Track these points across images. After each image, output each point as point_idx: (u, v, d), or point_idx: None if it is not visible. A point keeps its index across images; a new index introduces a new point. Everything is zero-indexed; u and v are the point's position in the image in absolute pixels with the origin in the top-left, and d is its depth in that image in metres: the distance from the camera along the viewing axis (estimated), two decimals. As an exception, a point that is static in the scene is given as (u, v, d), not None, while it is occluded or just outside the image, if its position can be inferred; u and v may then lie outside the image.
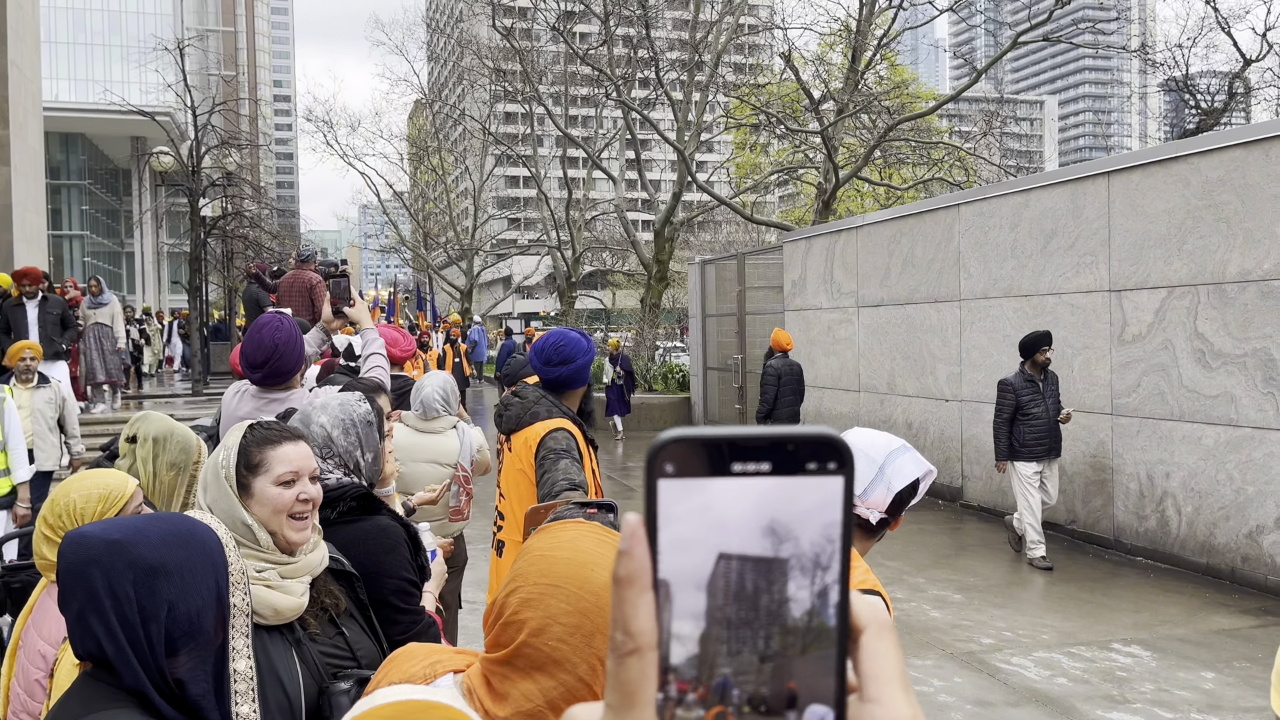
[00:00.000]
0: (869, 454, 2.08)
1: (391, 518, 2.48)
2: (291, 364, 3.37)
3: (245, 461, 1.90)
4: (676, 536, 0.43)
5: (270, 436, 1.94)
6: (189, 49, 26.30)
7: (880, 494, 2.06)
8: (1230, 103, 24.35)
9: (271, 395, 3.37)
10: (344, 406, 2.46)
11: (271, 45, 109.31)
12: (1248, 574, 7.00)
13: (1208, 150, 7.31)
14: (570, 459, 3.17)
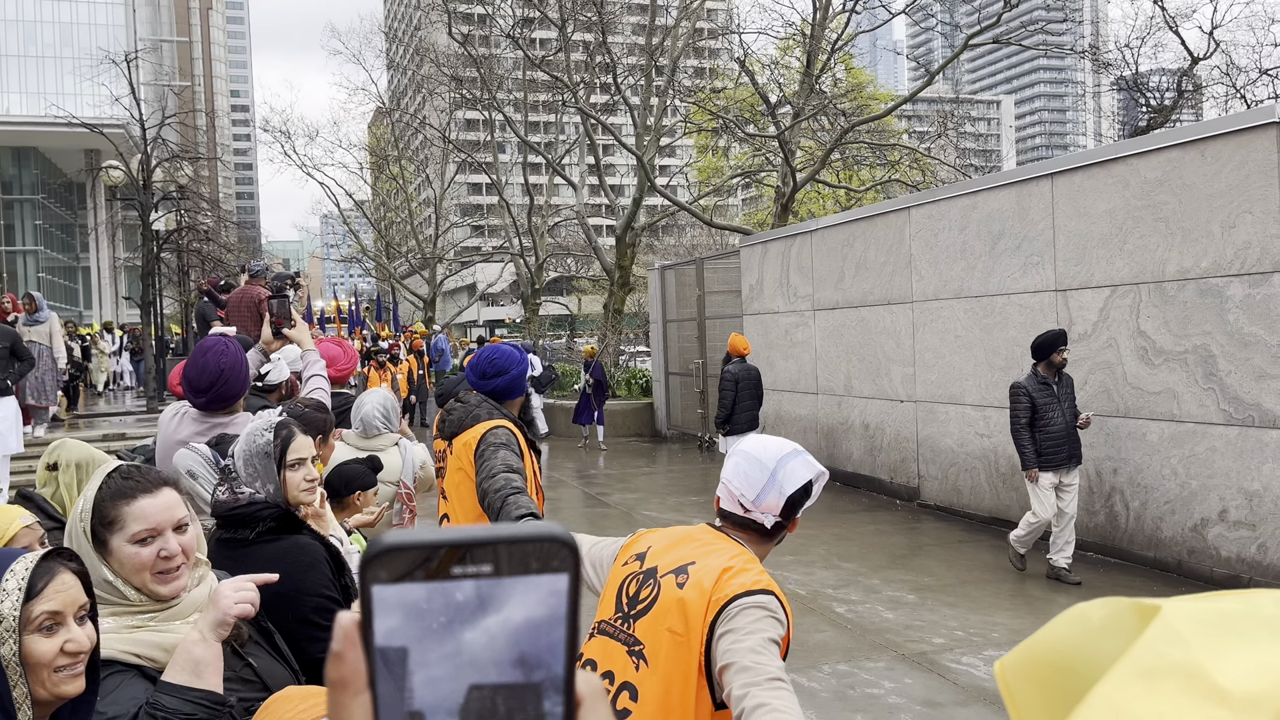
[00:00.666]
0: (761, 460, 2.12)
1: (312, 536, 2.47)
2: (237, 388, 3.31)
3: (99, 517, 1.77)
4: (391, 630, 0.43)
5: (125, 489, 1.80)
6: (141, 60, 25.95)
7: (773, 498, 2.10)
8: (1180, 100, 24.81)
9: (214, 420, 3.30)
10: (249, 437, 2.47)
11: (228, 55, 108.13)
12: (1194, 566, 7.13)
13: (1146, 151, 7.44)
14: (509, 450, 3.24)
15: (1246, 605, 0.64)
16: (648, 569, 2.12)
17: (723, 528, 2.18)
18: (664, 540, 2.18)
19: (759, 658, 1.81)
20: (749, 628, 1.87)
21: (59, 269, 49.21)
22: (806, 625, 6.36)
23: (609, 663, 2.09)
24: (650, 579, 2.09)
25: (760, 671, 1.78)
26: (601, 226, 45.38)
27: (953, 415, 9.68)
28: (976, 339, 9.30)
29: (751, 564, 2.05)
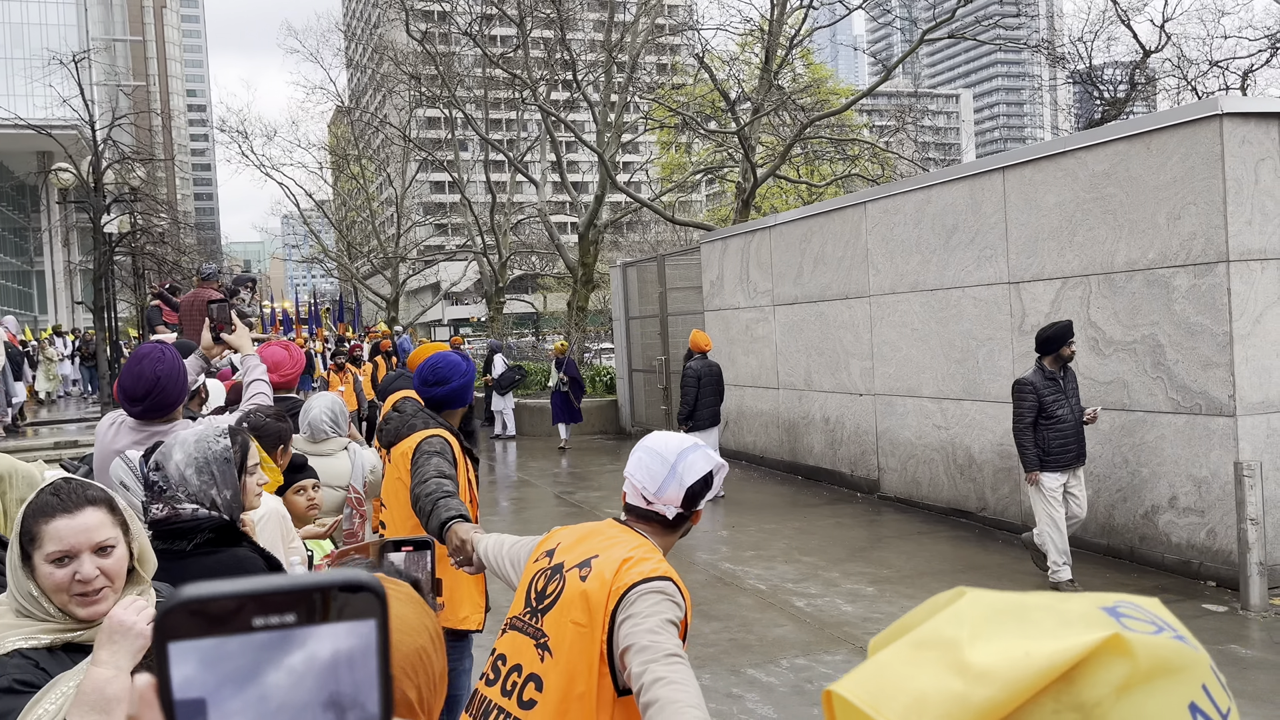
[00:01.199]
0: (662, 454, 2.22)
1: (252, 548, 2.44)
2: (174, 397, 3.23)
3: (26, 532, 1.72)
4: (188, 681, 0.42)
5: (46, 507, 1.73)
6: (93, 60, 25.47)
7: (673, 490, 2.19)
8: (1133, 93, 25.20)
9: (152, 428, 3.23)
10: (200, 444, 2.40)
11: (183, 54, 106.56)
12: (1145, 553, 7.25)
13: (1093, 145, 7.54)
14: (442, 458, 3.31)
15: (1052, 602, 0.71)
16: (555, 564, 2.21)
17: (628, 521, 2.27)
18: (572, 536, 2.27)
19: (656, 637, 1.91)
20: (647, 611, 1.97)
21: (12, 273, 48.24)
22: (766, 620, 6.40)
23: (517, 656, 2.16)
24: (557, 574, 2.19)
25: (658, 649, 1.88)
26: (565, 224, 45.29)
27: (911, 408, 9.77)
28: (933, 332, 9.39)
29: (651, 554, 2.14)
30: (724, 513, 10.04)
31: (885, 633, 0.73)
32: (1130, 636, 0.68)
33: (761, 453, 12.71)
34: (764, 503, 10.46)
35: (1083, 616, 0.69)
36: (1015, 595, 0.72)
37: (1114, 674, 0.66)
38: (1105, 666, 0.66)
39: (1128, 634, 0.67)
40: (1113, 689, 0.67)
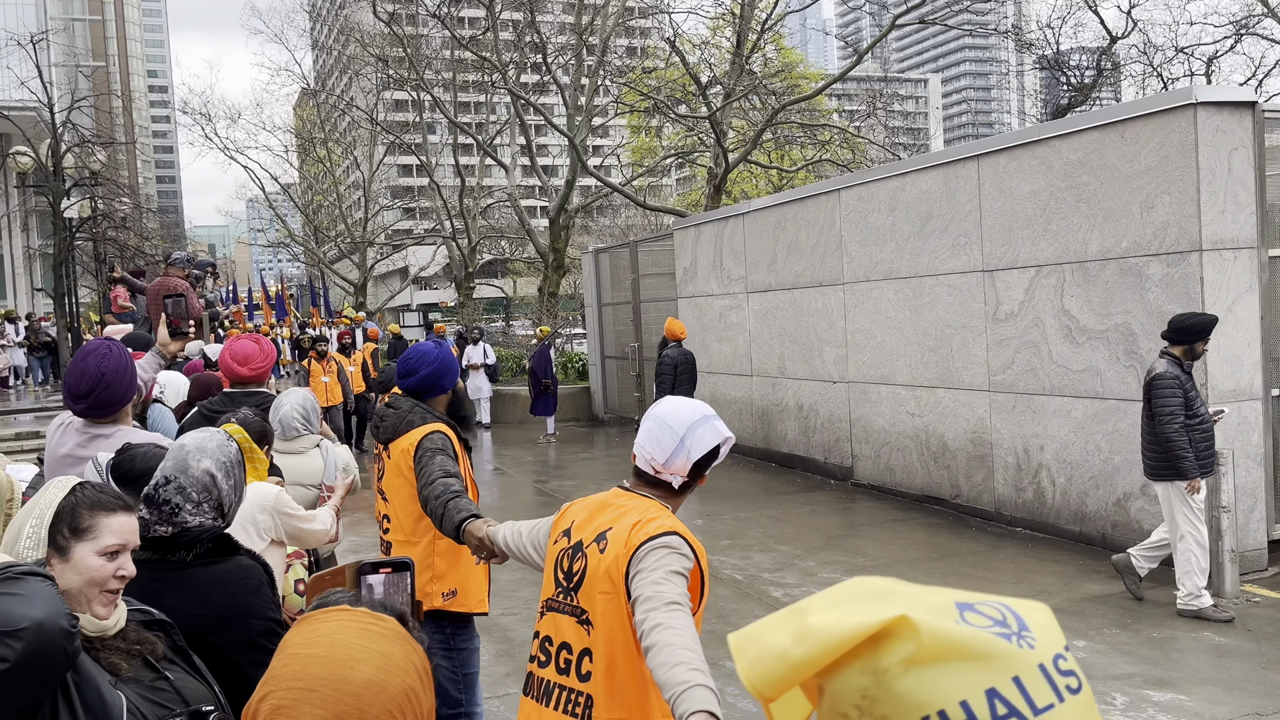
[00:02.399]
0: (672, 427, 2.34)
1: (249, 557, 2.37)
2: (119, 395, 3.15)
3: (72, 523, 1.75)
4: None
5: (105, 502, 1.79)
6: (51, 41, 24.84)
7: (680, 462, 2.33)
8: (1099, 79, 25.36)
9: (96, 430, 3.15)
10: (222, 448, 2.35)
11: (144, 34, 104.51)
12: (1118, 540, 7.30)
13: (1068, 133, 7.55)
14: (445, 455, 3.41)
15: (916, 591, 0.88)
16: (574, 543, 2.36)
17: (633, 486, 2.41)
18: (584, 512, 2.42)
19: (660, 587, 2.04)
20: (653, 565, 2.12)
21: (-31, 258, 47.20)
22: (743, 611, 6.38)
23: (562, 635, 2.31)
24: (578, 552, 2.33)
25: (660, 598, 2.02)
26: (535, 208, 45.01)
27: (884, 395, 9.78)
28: (907, 319, 9.40)
29: (660, 512, 2.28)
30: (698, 501, 10.02)
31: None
32: (920, 620, 0.83)
33: (735, 440, 12.69)
34: (738, 490, 10.45)
35: (917, 602, 0.85)
36: (900, 583, 0.88)
37: (902, 649, 0.83)
38: (896, 642, 0.83)
39: (918, 618, 0.83)
40: (900, 661, 0.84)
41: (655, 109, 23.19)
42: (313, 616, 1.22)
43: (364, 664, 1.13)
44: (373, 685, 1.13)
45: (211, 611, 2.18)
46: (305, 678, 1.12)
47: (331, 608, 1.23)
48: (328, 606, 1.24)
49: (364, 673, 1.12)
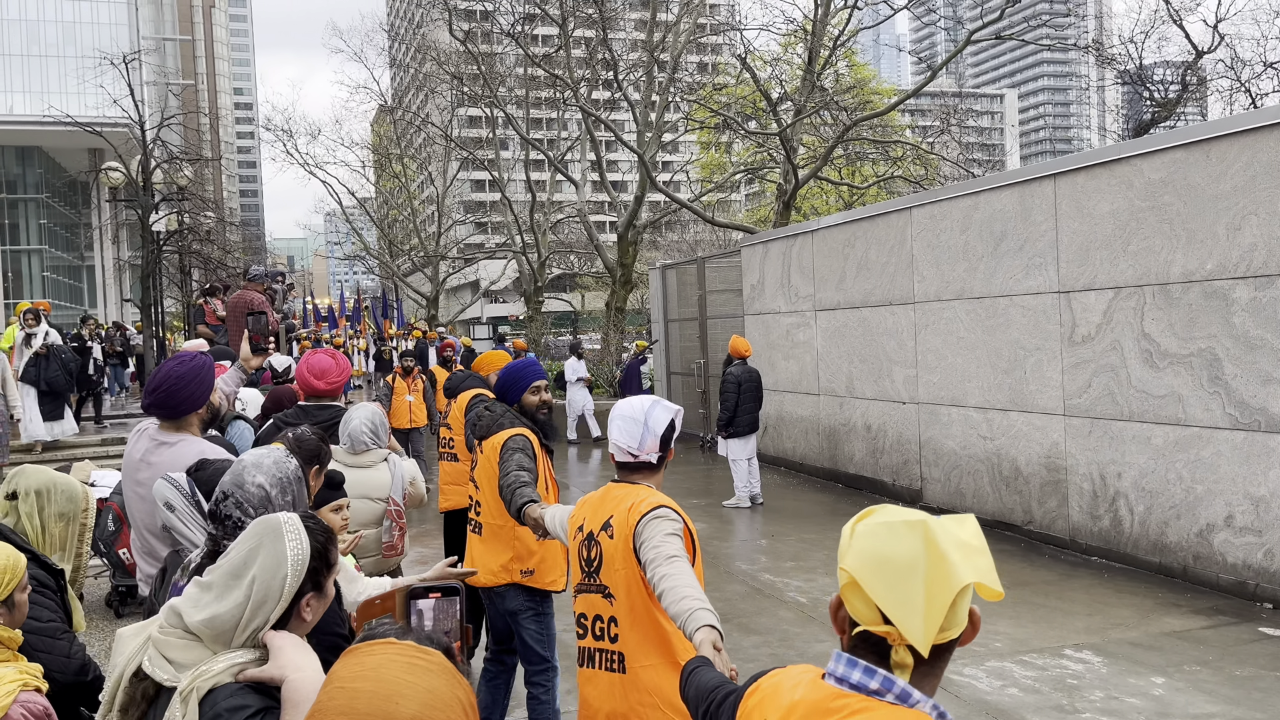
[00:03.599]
0: (633, 417, 2.86)
1: None
2: (182, 398, 3.28)
3: (326, 560, 1.80)
4: None
5: (328, 528, 1.92)
6: (144, 60, 25.85)
7: (650, 441, 2.85)
8: (1184, 94, 24.65)
9: (162, 437, 3.30)
10: (278, 465, 2.38)
11: (231, 53, 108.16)
12: (1199, 572, 7.04)
13: (1150, 152, 7.34)
14: (524, 455, 3.98)
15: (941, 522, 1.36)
16: (587, 534, 2.89)
17: (621, 479, 2.89)
18: (590, 509, 2.94)
19: (660, 548, 2.56)
20: (652, 533, 2.63)
21: (63, 268, 49.25)
22: (807, 635, 6.30)
23: (594, 610, 2.84)
24: (592, 542, 2.86)
25: (661, 555, 2.54)
26: (604, 223, 45.30)
27: (955, 417, 9.60)
28: (979, 340, 9.22)
29: (649, 494, 2.77)
30: (763, 520, 9.94)
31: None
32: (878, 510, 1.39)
33: (801, 459, 12.58)
34: (804, 511, 10.34)
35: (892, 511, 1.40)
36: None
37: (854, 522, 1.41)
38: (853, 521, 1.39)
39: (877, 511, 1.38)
40: (850, 528, 1.36)
41: (725, 125, 23.19)
42: (359, 649, 1.22)
43: (409, 699, 1.13)
44: (417, 718, 1.13)
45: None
46: (350, 713, 1.12)
47: (378, 640, 1.23)
48: (375, 638, 1.24)
49: (409, 709, 1.12)
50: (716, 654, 2.18)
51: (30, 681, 2.31)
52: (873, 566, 1.31)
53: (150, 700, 1.66)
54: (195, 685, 1.58)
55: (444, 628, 1.73)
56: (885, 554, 1.31)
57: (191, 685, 1.58)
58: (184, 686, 1.58)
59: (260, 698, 1.57)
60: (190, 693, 1.57)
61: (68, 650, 2.65)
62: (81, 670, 2.68)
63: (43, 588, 2.69)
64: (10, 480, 2.79)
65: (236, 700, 1.55)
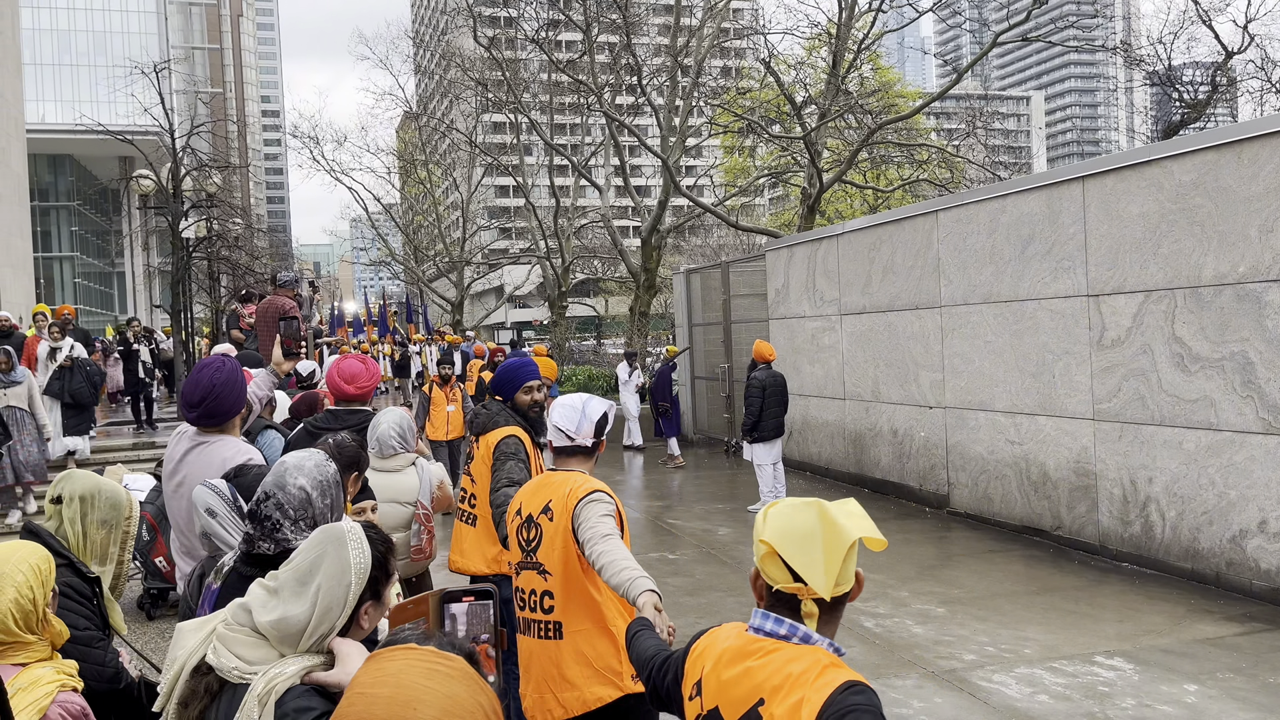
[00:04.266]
0: (573, 405, 3.27)
1: None
2: (228, 406, 3.34)
3: (385, 569, 1.84)
4: None
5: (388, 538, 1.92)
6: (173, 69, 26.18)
7: (586, 427, 3.24)
8: (1214, 95, 24.36)
9: (201, 439, 3.36)
10: (319, 468, 2.40)
11: (258, 61, 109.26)
12: (1232, 579, 6.95)
13: (1181, 153, 7.27)
14: (515, 460, 4.15)
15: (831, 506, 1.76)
16: (526, 517, 3.22)
17: (558, 465, 3.27)
18: (529, 493, 3.29)
19: (595, 528, 2.90)
20: (588, 515, 2.97)
21: (95, 274, 49.90)
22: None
23: (531, 585, 3.18)
24: (531, 524, 3.19)
25: (597, 534, 2.88)
26: (628, 228, 45.34)
27: (983, 422, 9.53)
28: (1006, 344, 9.15)
29: (584, 479, 3.11)
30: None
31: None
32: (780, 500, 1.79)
33: (826, 464, 12.53)
34: (829, 516, 10.29)
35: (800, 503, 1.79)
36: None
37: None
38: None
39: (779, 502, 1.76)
40: (763, 514, 1.80)
41: (749, 129, 23.16)
42: (381, 655, 1.22)
43: (428, 705, 1.12)
44: None
45: None
46: (368, 718, 1.12)
47: (399, 646, 1.23)
48: (396, 644, 1.24)
49: (427, 714, 1.11)
50: (657, 614, 2.49)
51: (68, 682, 2.34)
52: (784, 537, 1.75)
53: (214, 695, 1.68)
54: (273, 687, 1.61)
55: (478, 632, 1.74)
56: (792, 526, 1.75)
57: (269, 688, 1.61)
58: (261, 689, 1.61)
59: (324, 701, 1.60)
60: (268, 695, 1.60)
61: (102, 659, 2.69)
62: (115, 678, 2.71)
63: (79, 595, 2.72)
64: (56, 484, 2.83)
65: (303, 701, 1.58)
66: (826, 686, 1.64)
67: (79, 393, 11.04)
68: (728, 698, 1.80)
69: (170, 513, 3.47)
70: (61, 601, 2.52)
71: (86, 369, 11.24)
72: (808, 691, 1.66)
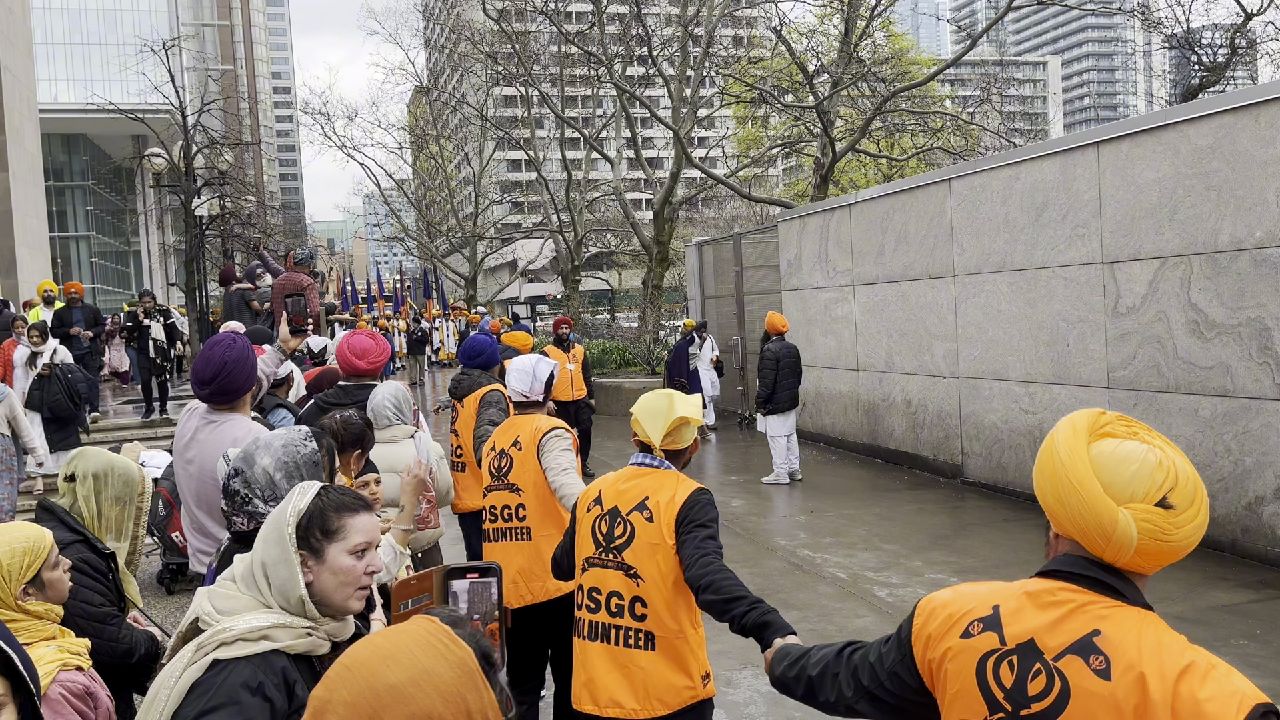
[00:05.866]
0: (526, 369, 4.16)
1: None
2: (239, 383, 3.35)
3: (322, 526, 1.82)
4: None
5: (348, 503, 1.87)
6: (183, 46, 26.14)
7: (537, 386, 4.13)
8: (1233, 58, 23.97)
9: (212, 416, 3.37)
10: (287, 448, 2.35)
11: (269, 38, 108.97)
12: (1248, 546, 6.93)
13: (1197, 117, 7.17)
14: (496, 409, 5.05)
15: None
16: (499, 450, 4.03)
17: (520, 412, 4.18)
18: (499, 432, 4.14)
19: (558, 460, 3.84)
20: (552, 446, 3.85)
21: (110, 253, 50.17)
22: (846, 610, 6.29)
23: (504, 501, 3.93)
24: (503, 455, 4.01)
25: (558, 465, 3.82)
26: (640, 201, 45.17)
27: (997, 391, 9.50)
28: (1020, 313, 9.09)
29: (547, 420, 3.99)
30: (802, 496, 9.93)
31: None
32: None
33: (840, 435, 12.52)
34: (843, 487, 10.30)
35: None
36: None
37: None
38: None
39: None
40: (640, 401, 3.12)
41: (761, 99, 22.97)
42: (405, 616, 1.24)
43: (402, 668, 1.11)
44: (396, 690, 1.11)
45: None
46: (350, 658, 1.15)
47: (424, 615, 1.22)
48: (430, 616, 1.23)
49: (394, 676, 1.11)
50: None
51: (70, 660, 2.32)
52: (641, 412, 2.98)
53: None
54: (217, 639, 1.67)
55: (480, 609, 1.74)
56: (646, 406, 2.99)
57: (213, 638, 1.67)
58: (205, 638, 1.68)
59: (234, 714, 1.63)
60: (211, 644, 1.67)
61: (115, 635, 2.71)
62: (127, 654, 2.72)
63: (94, 571, 2.73)
64: (70, 463, 2.85)
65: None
66: (687, 489, 2.88)
67: (56, 405, 9.53)
68: (623, 499, 2.91)
69: (180, 489, 3.50)
70: (75, 578, 2.52)
71: (68, 376, 9.72)
72: (676, 491, 2.88)
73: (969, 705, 1.53)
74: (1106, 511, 1.47)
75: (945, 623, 1.60)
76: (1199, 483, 1.51)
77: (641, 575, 2.79)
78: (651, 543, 2.79)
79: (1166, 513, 1.46)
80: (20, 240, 21.94)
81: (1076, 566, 1.51)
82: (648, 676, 2.77)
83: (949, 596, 1.65)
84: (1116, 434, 1.55)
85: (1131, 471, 1.48)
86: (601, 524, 2.90)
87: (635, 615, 2.80)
